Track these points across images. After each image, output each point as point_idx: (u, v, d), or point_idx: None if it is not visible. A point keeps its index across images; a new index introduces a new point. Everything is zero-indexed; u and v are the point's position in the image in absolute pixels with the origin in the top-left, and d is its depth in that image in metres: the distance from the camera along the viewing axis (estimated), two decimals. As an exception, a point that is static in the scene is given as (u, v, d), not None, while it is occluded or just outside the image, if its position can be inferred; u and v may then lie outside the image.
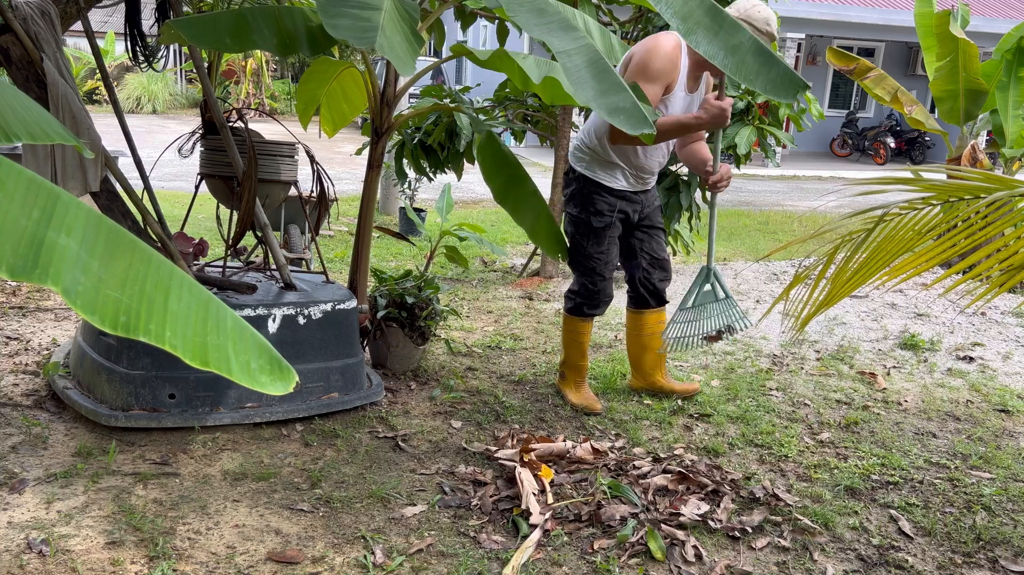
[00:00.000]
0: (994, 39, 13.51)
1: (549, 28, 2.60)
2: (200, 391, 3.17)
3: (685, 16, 2.57)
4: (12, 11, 3.04)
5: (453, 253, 4.48)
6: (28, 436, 3.04)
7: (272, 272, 3.82)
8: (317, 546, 2.47)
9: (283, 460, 3.01)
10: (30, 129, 1.21)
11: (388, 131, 3.72)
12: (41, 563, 2.29)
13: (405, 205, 6.13)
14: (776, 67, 2.52)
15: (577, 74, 2.50)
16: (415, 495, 2.82)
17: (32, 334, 4.21)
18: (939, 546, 2.67)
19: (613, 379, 4.01)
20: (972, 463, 3.31)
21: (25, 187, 1.03)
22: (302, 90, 3.94)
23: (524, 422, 3.50)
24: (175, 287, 1.06)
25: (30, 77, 3.13)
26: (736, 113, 5.43)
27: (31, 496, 2.64)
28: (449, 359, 4.24)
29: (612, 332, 4.89)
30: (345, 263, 6.19)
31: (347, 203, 9.20)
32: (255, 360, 1.07)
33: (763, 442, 3.41)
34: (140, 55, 4.01)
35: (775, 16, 3.27)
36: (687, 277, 6.13)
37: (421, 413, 3.53)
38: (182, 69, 21.34)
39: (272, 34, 2.98)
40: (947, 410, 3.91)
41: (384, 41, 2.24)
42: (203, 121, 3.68)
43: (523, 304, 5.46)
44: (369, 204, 3.84)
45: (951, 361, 4.65)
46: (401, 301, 3.88)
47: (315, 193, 3.97)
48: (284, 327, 3.31)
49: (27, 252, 0.96)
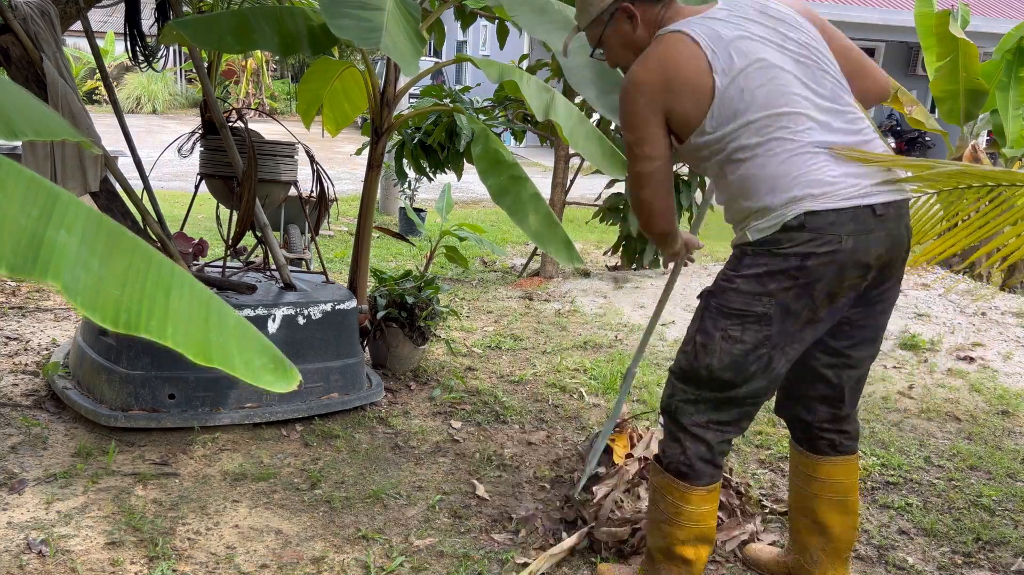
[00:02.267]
0: (994, 39, 13.50)
1: (550, 27, 2.60)
2: (200, 391, 3.17)
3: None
4: (12, 11, 3.04)
5: (453, 253, 4.48)
6: (28, 436, 3.04)
7: (272, 272, 3.82)
8: (317, 546, 2.47)
9: (283, 460, 3.01)
10: (35, 126, 1.21)
11: (388, 131, 3.72)
12: (41, 563, 2.29)
13: (405, 205, 6.13)
14: None
15: (579, 73, 2.50)
16: (415, 495, 2.82)
17: (32, 334, 4.20)
18: (939, 546, 2.67)
19: (613, 379, 4.01)
20: (972, 463, 3.31)
21: (25, 186, 1.03)
22: (303, 90, 3.94)
23: (524, 422, 3.50)
24: (176, 285, 1.06)
25: (30, 77, 3.13)
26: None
27: (31, 496, 2.64)
28: (449, 359, 4.24)
29: (612, 332, 4.89)
30: (345, 263, 6.19)
31: (347, 203, 9.20)
32: (258, 358, 1.07)
33: (763, 442, 3.40)
34: (140, 55, 4.00)
35: None
36: (687, 277, 6.14)
37: (421, 413, 3.53)
38: (182, 69, 21.35)
39: (274, 34, 2.98)
40: (947, 410, 3.91)
41: (388, 41, 2.24)
42: (203, 121, 3.68)
43: (523, 304, 5.46)
44: (369, 204, 3.84)
45: (951, 361, 4.65)
46: (401, 301, 3.88)
47: (315, 193, 3.97)
48: (284, 327, 3.31)
49: (27, 250, 0.95)
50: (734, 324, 2.01)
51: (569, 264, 3.28)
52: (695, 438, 2.10)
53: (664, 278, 6.10)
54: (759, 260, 1.99)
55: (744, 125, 1.96)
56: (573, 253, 3.25)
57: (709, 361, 2.04)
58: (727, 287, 2.03)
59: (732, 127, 1.97)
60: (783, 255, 1.95)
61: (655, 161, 2.08)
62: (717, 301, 2.05)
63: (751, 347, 2.01)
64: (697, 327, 2.09)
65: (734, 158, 1.99)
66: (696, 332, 2.09)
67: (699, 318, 2.10)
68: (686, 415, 2.10)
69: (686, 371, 2.10)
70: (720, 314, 2.04)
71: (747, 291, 1.99)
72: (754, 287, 1.99)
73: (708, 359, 2.04)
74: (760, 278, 1.98)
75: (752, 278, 1.99)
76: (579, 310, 5.37)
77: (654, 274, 6.24)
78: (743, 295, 2.00)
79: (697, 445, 2.10)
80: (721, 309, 2.04)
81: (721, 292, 2.05)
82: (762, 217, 1.97)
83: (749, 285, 1.99)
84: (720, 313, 2.04)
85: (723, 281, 2.06)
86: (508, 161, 3.30)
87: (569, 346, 4.59)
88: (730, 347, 2.02)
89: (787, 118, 1.95)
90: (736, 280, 2.02)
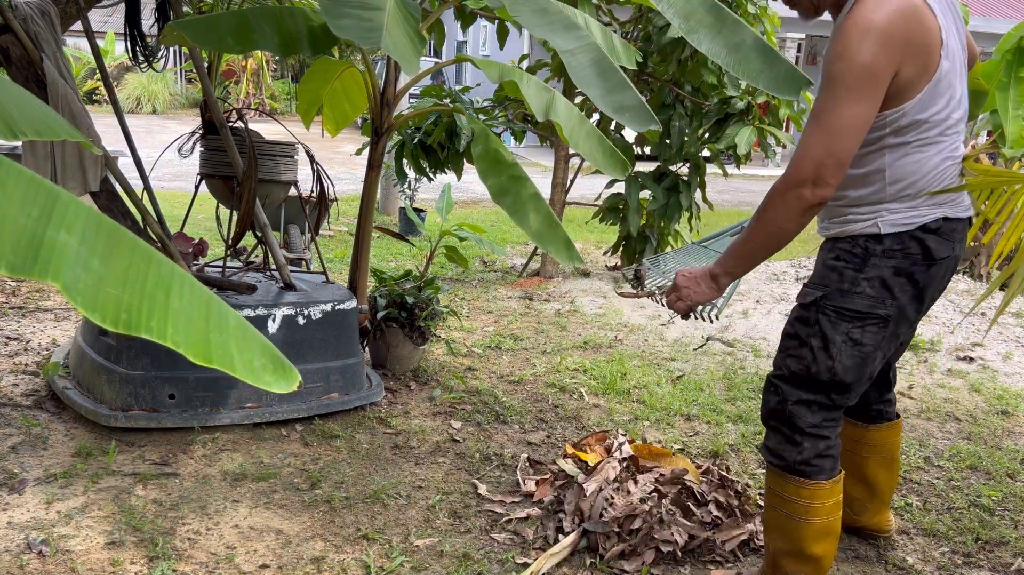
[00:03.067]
0: (994, 39, 13.48)
1: (552, 27, 2.60)
2: (200, 391, 3.17)
3: (687, 15, 2.57)
4: (12, 11, 3.04)
5: (453, 253, 4.48)
6: (28, 436, 3.04)
7: (272, 272, 3.82)
8: (317, 546, 2.47)
9: (283, 460, 3.01)
10: (36, 126, 1.21)
11: (388, 131, 3.72)
12: (41, 563, 2.29)
13: (405, 205, 6.13)
14: (779, 65, 2.52)
15: (582, 72, 2.50)
16: (415, 495, 2.82)
17: (32, 334, 4.20)
18: (939, 546, 2.67)
19: (613, 379, 4.01)
20: (972, 463, 3.31)
21: (25, 186, 1.03)
22: (304, 90, 3.94)
23: (524, 422, 3.50)
24: (176, 285, 1.06)
25: (30, 77, 3.13)
26: (736, 113, 5.42)
27: (31, 496, 2.64)
28: (449, 359, 4.24)
29: (612, 332, 4.89)
30: (345, 263, 6.19)
31: (347, 203, 9.20)
32: (258, 358, 1.07)
33: (763, 442, 3.40)
34: (140, 55, 4.01)
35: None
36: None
37: (421, 413, 3.53)
38: (182, 69, 21.35)
39: (274, 34, 2.98)
40: (947, 410, 3.91)
41: (389, 41, 2.24)
42: (203, 121, 3.68)
43: (523, 304, 5.46)
44: (369, 204, 3.84)
45: (951, 361, 4.65)
46: (401, 301, 3.88)
47: (315, 193, 3.97)
48: (284, 327, 3.31)
49: (27, 249, 0.95)
50: (855, 327, 2.02)
51: (569, 264, 3.28)
52: (813, 437, 2.10)
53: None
54: (887, 262, 1.98)
55: (934, 115, 1.92)
56: (573, 253, 3.25)
57: (831, 364, 2.04)
58: (850, 290, 2.01)
59: (927, 115, 1.91)
60: (911, 257, 1.98)
61: (859, 133, 1.84)
62: (836, 304, 2.02)
63: (871, 349, 2.03)
64: (812, 331, 2.06)
65: (906, 142, 1.94)
66: (810, 336, 2.06)
67: (812, 322, 2.06)
68: (802, 418, 2.10)
69: (801, 375, 2.09)
70: (840, 318, 2.02)
71: (872, 295, 1.99)
72: (879, 291, 1.99)
73: (829, 362, 2.04)
74: (886, 282, 1.99)
75: (877, 281, 1.99)
76: (579, 310, 5.37)
77: (654, 274, 6.23)
78: (868, 299, 2.00)
79: (815, 443, 2.11)
80: (842, 312, 2.02)
81: (841, 295, 2.02)
82: (898, 212, 1.97)
83: (875, 289, 1.99)
84: (840, 316, 2.02)
85: (843, 283, 2.02)
86: (508, 161, 3.30)
87: (569, 346, 4.59)
88: (852, 350, 2.03)
89: (960, 123, 2.00)
90: (862, 283, 2.00)
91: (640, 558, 2.43)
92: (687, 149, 5.70)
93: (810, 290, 2.09)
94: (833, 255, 2.06)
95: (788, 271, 6.79)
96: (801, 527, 2.14)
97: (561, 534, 2.56)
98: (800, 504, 2.12)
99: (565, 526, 2.58)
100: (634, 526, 2.49)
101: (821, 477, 2.11)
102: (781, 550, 2.19)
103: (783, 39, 16.40)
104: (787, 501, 2.14)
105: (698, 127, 5.63)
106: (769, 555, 2.25)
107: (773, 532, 2.21)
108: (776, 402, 2.13)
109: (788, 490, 2.14)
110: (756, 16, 5.42)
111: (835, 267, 2.03)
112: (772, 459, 2.17)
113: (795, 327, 2.11)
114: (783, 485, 2.15)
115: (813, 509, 2.12)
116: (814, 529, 2.13)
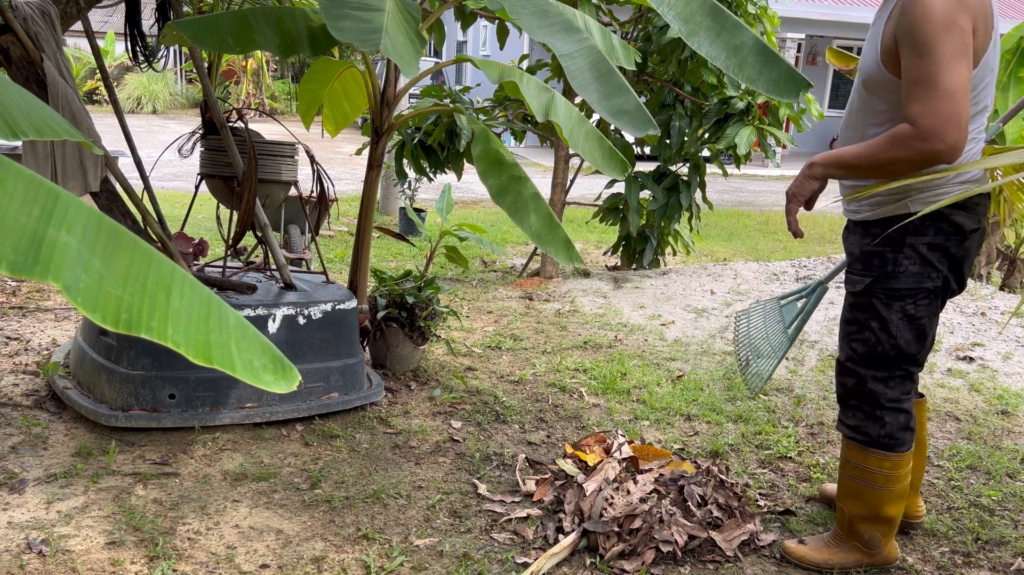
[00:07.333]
0: (994, 40, 13.46)
1: (552, 30, 2.60)
2: (200, 391, 3.17)
3: (687, 18, 2.57)
4: (12, 11, 3.04)
5: (453, 253, 4.48)
6: (28, 436, 3.04)
7: (272, 272, 3.82)
8: (317, 546, 2.47)
9: (283, 460, 3.01)
10: (36, 125, 1.21)
11: (388, 131, 3.72)
12: (41, 563, 2.29)
13: (405, 205, 6.13)
14: (778, 67, 2.53)
15: (580, 76, 2.50)
16: (415, 495, 2.82)
17: (32, 334, 4.20)
18: (939, 546, 2.67)
19: (613, 379, 4.01)
20: (971, 463, 3.31)
21: (25, 186, 1.03)
22: (304, 90, 3.94)
23: (524, 422, 3.50)
24: (176, 285, 1.06)
25: (30, 77, 3.13)
26: (736, 113, 5.43)
27: (31, 496, 2.64)
28: (449, 359, 4.24)
29: (612, 332, 4.89)
30: (345, 263, 6.19)
31: (347, 203, 9.20)
32: (258, 358, 1.07)
33: (763, 442, 3.40)
34: (140, 55, 4.01)
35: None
36: (686, 277, 6.14)
37: (421, 413, 3.53)
38: (182, 69, 21.36)
39: (274, 34, 2.98)
40: (947, 410, 3.91)
41: (388, 43, 2.24)
42: (203, 121, 3.68)
43: (523, 304, 5.46)
44: (369, 204, 3.84)
45: (951, 361, 4.65)
46: (401, 301, 3.88)
47: (315, 193, 3.97)
48: (284, 327, 3.31)
49: (27, 249, 0.96)
50: (908, 303, 2.19)
51: (569, 264, 3.29)
52: (894, 411, 2.29)
53: (664, 278, 6.10)
54: (922, 239, 2.14)
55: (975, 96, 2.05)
56: (573, 253, 3.25)
57: (894, 342, 2.21)
58: (894, 271, 2.17)
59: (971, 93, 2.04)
60: (943, 232, 2.13)
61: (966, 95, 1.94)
62: (885, 286, 2.19)
63: (927, 319, 2.21)
64: (869, 315, 2.24)
65: None
66: (869, 320, 2.24)
67: (867, 307, 2.23)
68: (882, 395, 2.29)
69: (869, 356, 2.27)
70: (892, 298, 2.19)
71: (916, 272, 2.16)
72: (921, 267, 2.15)
73: (892, 340, 2.22)
74: (925, 257, 2.15)
75: (917, 258, 2.15)
76: (579, 310, 5.37)
77: (654, 274, 6.24)
78: (913, 275, 2.16)
79: (896, 416, 2.29)
80: (892, 293, 2.19)
81: (888, 277, 2.18)
82: (926, 190, 2.10)
83: (917, 266, 2.16)
84: (892, 297, 2.19)
85: (887, 266, 2.18)
86: (508, 161, 3.30)
87: (569, 346, 4.59)
88: (910, 325, 2.21)
89: (987, 111, 2.12)
90: (903, 262, 2.16)
91: (640, 558, 2.43)
92: (687, 149, 5.71)
93: (858, 278, 2.25)
94: (870, 239, 2.21)
95: (788, 271, 6.79)
96: (880, 494, 2.34)
97: (561, 534, 2.56)
98: (881, 474, 2.32)
99: (565, 526, 2.58)
100: (634, 526, 2.49)
101: (903, 449, 2.30)
102: (858, 515, 2.39)
103: (783, 39, 16.39)
104: (868, 472, 2.34)
105: (698, 127, 5.64)
106: (844, 519, 2.43)
107: (850, 499, 2.40)
108: (854, 383, 2.32)
109: (870, 462, 2.33)
110: (756, 16, 5.42)
111: (875, 251, 2.20)
112: (856, 436, 2.35)
113: (852, 313, 2.29)
114: (864, 458, 2.34)
115: (894, 478, 2.32)
116: (892, 495, 2.34)
